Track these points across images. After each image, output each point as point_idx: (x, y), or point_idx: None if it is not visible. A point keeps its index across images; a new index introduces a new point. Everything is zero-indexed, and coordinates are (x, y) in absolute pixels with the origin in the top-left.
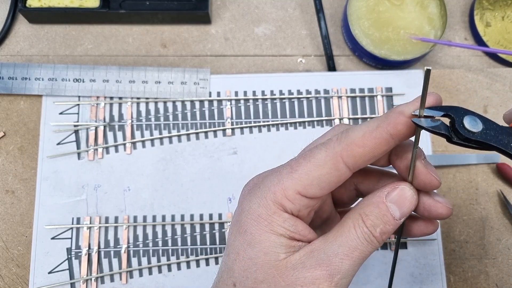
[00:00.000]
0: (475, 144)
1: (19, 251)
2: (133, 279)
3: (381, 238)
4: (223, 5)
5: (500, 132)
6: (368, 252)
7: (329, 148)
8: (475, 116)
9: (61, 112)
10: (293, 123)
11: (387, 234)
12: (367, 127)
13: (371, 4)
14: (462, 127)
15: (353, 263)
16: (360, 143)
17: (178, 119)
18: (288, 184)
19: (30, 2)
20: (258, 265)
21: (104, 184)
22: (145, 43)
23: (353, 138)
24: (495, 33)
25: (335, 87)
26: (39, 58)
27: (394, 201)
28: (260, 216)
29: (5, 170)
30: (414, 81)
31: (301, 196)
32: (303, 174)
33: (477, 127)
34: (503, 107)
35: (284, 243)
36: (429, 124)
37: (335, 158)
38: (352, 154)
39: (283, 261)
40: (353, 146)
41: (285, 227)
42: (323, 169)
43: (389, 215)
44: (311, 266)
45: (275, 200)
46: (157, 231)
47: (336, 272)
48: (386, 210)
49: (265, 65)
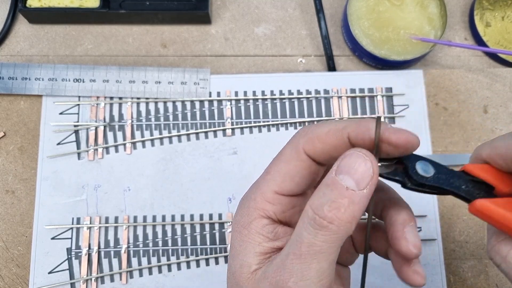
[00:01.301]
0: (428, 189)
1: (19, 251)
2: (133, 279)
3: (334, 217)
4: (223, 5)
5: (451, 175)
6: (321, 242)
7: (294, 142)
8: (426, 161)
9: (61, 112)
10: (293, 123)
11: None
12: (334, 126)
13: (371, 4)
14: (415, 173)
15: (303, 261)
16: (322, 139)
17: (178, 119)
18: (265, 186)
19: (30, 2)
20: (233, 278)
21: (104, 184)
22: (145, 43)
23: (317, 133)
24: (495, 33)
25: (335, 87)
26: (39, 58)
27: (342, 170)
28: (242, 226)
29: (5, 170)
30: (414, 81)
31: (279, 195)
32: (275, 173)
33: (429, 172)
34: (503, 107)
35: (259, 252)
36: (383, 170)
37: (298, 150)
38: (313, 148)
39: (253, 274)
40: (315, 140)
41: (263, 234)
42: (290, 164)
43: (339, 186)
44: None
45: (255, 206)
46: (157, 231)
47: (288, 276)
48: (334, 182)
49: (265, 65)
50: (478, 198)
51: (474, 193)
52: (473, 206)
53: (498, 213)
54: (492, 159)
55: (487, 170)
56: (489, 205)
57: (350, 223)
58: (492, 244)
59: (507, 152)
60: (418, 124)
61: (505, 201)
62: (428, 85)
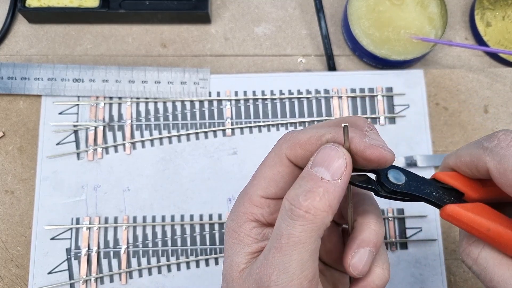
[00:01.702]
0: (400, 196)
1: (18, 252)
2: (133, 279)
3: (310, 206)
4: (223, 5)
5: (422, 183)
6: (299, 233)
7: (277, 148)
8: (398, 169)
9: (61, 112)
10: (293, 123)
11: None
12: (315, 133)
13: (371, 4)
14: (387, 181)
15: (284, 253)
16: (303, 145)
17: (178, 119)
18: (251, 191)
19: (29, 2)
20: (225, 279)
21: (103, 184)
22: (145, 43)
23: (298, 139)
24: (495, 33)
25: (335, 87)
26: (38, 58)
27: (318, 163)
28: (232, 230)
29: (4, 170)
30: (414, 81)
31: (265, 199)
32: (261, 178)
33: (401, 179)
34: (503, 107)
35: (248, 253)
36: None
37: (281, 156)
38: (294, 154)
39: (241, 273)
40: (297, 146)
41: (252, 235)
42: (274, 169)
43: (314, 177)
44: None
45: (244, 211)
46: (156, 232)
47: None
48: (310, 174)
49: (265, 65)
50: (448, 203)
51: (445, 199)
52: (444, 211)
53: (467, 217)
54: (458, 167)
55: (456, 178)
56: (459, 210)
57: (326, 212)
58: (463, 247)
59: (470, 160)
60: (418, 124)
61: (474, 206)
62: (429, 85)
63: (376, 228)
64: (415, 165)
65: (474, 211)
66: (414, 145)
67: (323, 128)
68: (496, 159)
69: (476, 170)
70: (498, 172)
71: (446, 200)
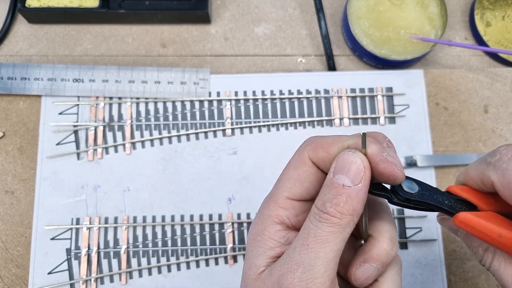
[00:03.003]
0: (413, 204)
1: (18, 252)
2: (133, 279)
3: (335, 211)
4: (223, 5)
5: (434, 192)
6: (326, 233)
7: (300, 150)
8: (411, 180)
9: (61, 112)
10: (293, 123)
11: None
12: (337, 138)
13: (371, 4)
14: (401, 189)
15: (310, 251)
16: (326, 148)
17: (178, 119)
18: (277, 193)
19: (29, 2)
20: (244, 281)
21: (103, 184)
22: (145, 43)
23: (322, 142)
24: (495, 33)
25: (335, 87)
26: (38, 58)
27: (338, 171)
28: (256, 233)
29: (4, 171)
30: (414, 81)
31: (290, 200)
32: (286, 179)
33: (414, 189)
34: (503, 106)
35: (270, 256)
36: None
37: (304, 157)
38: (317, 156)
39: (260, 274)
40: (319, 149)
41: (275, 239)
42: (298, 169)
43: (336, 185)
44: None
45: (269, 213)
46: (156, 232)
47: (296, 266)
48: (332, 182)
49: (265, 65)
50: (460, 211)
51: (457, 208)
52: (456, 218)
53: (479, 223)
54: (468, 182)
55: (468, 191)
56: (471, 217)
57: (351, 215)
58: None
59: (476, 175)
60: (418, 124)
61: (486, 214)
62: (429, 85)
63: (388, 248)
64: (415, 165)
65: (486, 218)
66: (414, 145)
67: (346, 135)
68: (499, 173)
69: (483, 184)
70: (501, 185)
71: (458, 209)
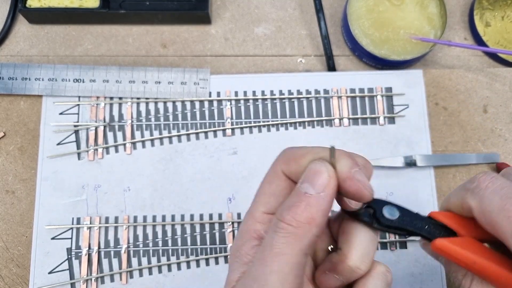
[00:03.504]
0: (393, 230)
1: (19, 251)
2: (133, 279)
3: (292, 219)
4: (223, 5)
5: (414, 218)
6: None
7: (274, 164)
8: (392, 206)
9: (61, 112)
10: (293, 123)
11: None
12: (310, 150)
13: (371, 4)
14: (382, 216)
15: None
16: (298, 160)
17: (178, 119)
18: (254, 208)
19: (30, 2)
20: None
21: (104, 184)
22: (145, 43)
23: (294, 155)
24: (495, 33)
25: (335, 87)
26: (39, 58)
27: (304, 179)
28: (235, 249)
29: (5, 170)
30: (414, 81)
31: (267, 214)
32: (261, 194)
33: (395, 215)
34: (503, 106)
35: (242, 271)
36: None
37: (277, 171)
38: (289, 169)
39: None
40: (291, 161)
41: (251, 254)
42: (272, 184)
43: (298, 192)
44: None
45: (247, 229)
46: (157, 231)
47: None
48: (296, 190)
49: (265, 65)
50: (438, 237)
51: (435, 233)
52: (433, 244)
53: (455, 250)
54: (450, 208)
55: (449, 217)
56: (447, 244)
57: (308, 224)
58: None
59: (457, 201)
60: (418, 124)
61: (462, 240)
62: (428, 85)
63: (354, 265)
64: (414, 165)
65: (461, 245)
66: (413, 145)
67: (320, 147)
68: (477, 199)
69: (462, 210)
70: (478, 212)
71: (436, 235)
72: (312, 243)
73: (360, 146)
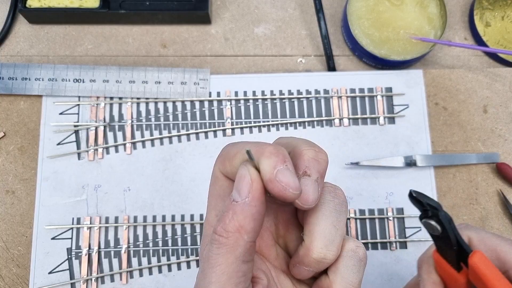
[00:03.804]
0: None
1: (19, 251)
2: (133, 279)
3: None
4: (223, 5)
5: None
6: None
7: (214, 163)
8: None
9: (61, 112)
10: (293, 123)
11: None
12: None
13: (371, 4)
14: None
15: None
16: (231, 160)
17: (178, 119)
18: (207, 212)
19: (30, 2)
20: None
21: (104, 184)
22: (145, 43)
23: (228, 155)
24: (495, 33)
25: (335, 87)
26: (39, 58)
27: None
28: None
29: (5, 170)
30: (414, 81)
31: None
32: (210, 197)
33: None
34: (503, 106)
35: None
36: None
37: (216, 171)
38: (225, 170)
39: None
40: (226, 161)
41: None
42: (215, 185)
43: (228, 201)
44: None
45: (205, 234)
46: (157, 231)
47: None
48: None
49: (265, 65)
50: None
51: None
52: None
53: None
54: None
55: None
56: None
57: (238, 232)
58: None
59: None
60: (418, 124)
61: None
62: (428, 85)
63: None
64: (414, 165)
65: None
66: (413, 145)
67: (250, 144)
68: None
69: None
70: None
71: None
72: (248, 250)
73: (360, 146)
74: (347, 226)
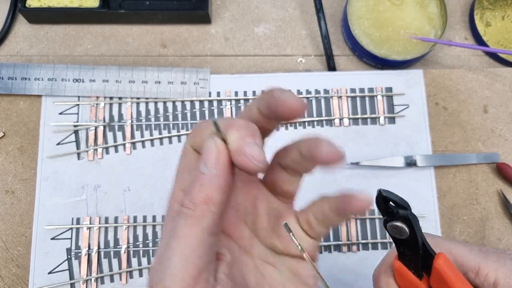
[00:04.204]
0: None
1: (19, 252)
2: (133, 279)
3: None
4: (223, 5)
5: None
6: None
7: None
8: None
9: (61, 112)
10: (293, 123)
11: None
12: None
13: (371, 4)
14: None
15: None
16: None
17: (178, 119)
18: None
19: (29, 2)
20: None
21: (104, 184)
22: (145, 43)
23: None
24: (495, 33)
25: (335, 87)
26: (38, 58)
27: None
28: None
29: (5, 170)
30: (414, 81)
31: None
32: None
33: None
34: (503, 106)
35: None
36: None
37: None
38: (195, 142)
39: None
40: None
41: None
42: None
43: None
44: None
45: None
46: (157, 231)
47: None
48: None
49: (265, 65)
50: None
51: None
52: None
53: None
54: None
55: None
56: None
57: (205, 204)
58: None
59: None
60: (418, 124)
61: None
62: (428, 85)
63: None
64: (414, 165)
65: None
66: (413, 145)
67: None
68: None
69: None
70: None
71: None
72: (214, 222)
73: (360, 146)
74: (347, 227)
